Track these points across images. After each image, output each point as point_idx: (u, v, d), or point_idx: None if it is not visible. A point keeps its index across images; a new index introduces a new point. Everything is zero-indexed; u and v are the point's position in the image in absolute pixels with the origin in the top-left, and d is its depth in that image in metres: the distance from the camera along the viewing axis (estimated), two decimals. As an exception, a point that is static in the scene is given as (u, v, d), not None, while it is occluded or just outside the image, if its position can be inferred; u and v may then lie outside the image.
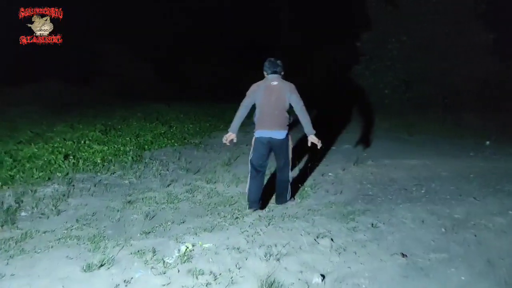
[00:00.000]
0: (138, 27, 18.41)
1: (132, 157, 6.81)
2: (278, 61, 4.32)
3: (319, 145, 4.32)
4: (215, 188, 5.52)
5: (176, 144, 8.11)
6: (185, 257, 3.53)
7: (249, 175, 4.57)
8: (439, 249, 3.74)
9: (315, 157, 7.22)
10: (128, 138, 7.86)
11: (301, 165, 6.70)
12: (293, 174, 5.14)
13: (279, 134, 4.28)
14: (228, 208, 4.80)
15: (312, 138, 4.28)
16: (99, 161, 6.48)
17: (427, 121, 11.12)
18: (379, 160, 7.19)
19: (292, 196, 4.93)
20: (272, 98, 4.17)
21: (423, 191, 5.49)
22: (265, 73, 4.35)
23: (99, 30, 17.14)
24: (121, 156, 6.81)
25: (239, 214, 4.59)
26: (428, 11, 12.83)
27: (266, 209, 4.81)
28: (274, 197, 5.09)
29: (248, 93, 4.33)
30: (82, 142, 7.33)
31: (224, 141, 4.46)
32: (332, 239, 3.90)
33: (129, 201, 4.94)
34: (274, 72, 4.26)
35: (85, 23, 16.77)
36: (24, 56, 12.34)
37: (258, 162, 4.50)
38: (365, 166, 6.83)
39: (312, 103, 6.92)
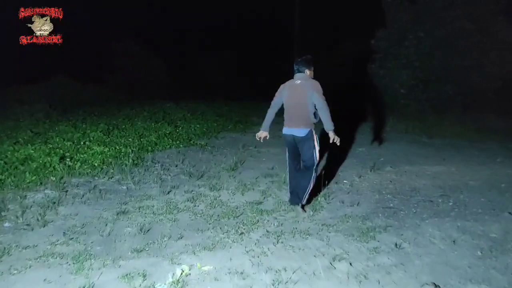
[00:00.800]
0: (151, 23, 17.99)
1: (133, 160, 6.30)
2: (303, 61, 4.33)
3: (337, 142, 4.25)
4: (219, 197, 4.97)
5: (181, 146, 7.59)
6: (180, 284, 3.00)
7: (287, 168, 4.66)
8: (477, 278, 3.14)
9: (329, 161, 6.64)
10: (131, 139, 7.36)
11: (313, 170, 6.15)
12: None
13: (300, 131, 4.21)
14: (233, 221, 4.25)
15: (330, 135, 4.22)
16: (97, 163, 5.99)
17: (447, 122, 10.40)
18: (398, 166, 6.56)
19: (307, 203, 4.57)
20: (295, 96, 4.19)
21: (450, 204, 4.86)
22: (294, 72, 4.38)
23: (111, 27, 16.77)
24: (121, 158, 6.31)
25: (244, 229, 4.03)
26: (448, 6, 12.06)
27: (275, 222, 4.24)
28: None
29: (276, 92, 4.38)
30: (82, 143, 6.86)
31: (257, 138, 4.57)
32: (350, 263, 3.32)
33: (124, 211, 4.42)
34: (299, 71, 4.29)
35: (95, 20, 16.41)
36: (31, 54, 11.98)
37: (290, 156, 4.53)
38: (383, 172, 6.22)
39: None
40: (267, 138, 4.61)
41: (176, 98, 13.94)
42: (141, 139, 7.44)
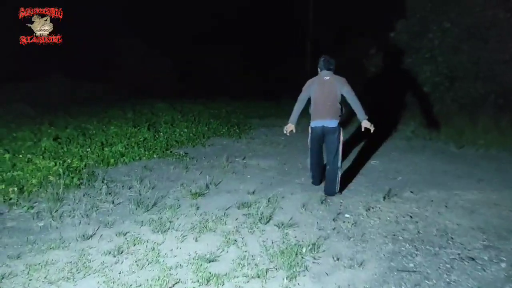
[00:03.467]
0: (156, 20, 16.46)
1: (79, 179, 4.72)
2: (331, 60, 4.41)
3: (372, 129, 4.34)
4: (159, 244, 3.28)
5: (155, 156, 5.96)
6: None
7: (309, 159, 4.68)
8: None
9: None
10: (89, 149, 5.77)
11: (306, 197, 4.39)
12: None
13: (331, 123, 4.29)
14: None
15: (365, 123, 4.31)
16: (30, 184, 4.44)
17: (479, 127, 8.34)
18: (421, 190, 4.70)
19: (340, 190, 4.58)
20: (325, 91, 4.28)
21: (503, 266, 3.02)
22: (319, 69, 4.44)
23: (114, 23, 15.34)
24: (65, 177, 4.72)
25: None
26: (480, -8, 9.93)
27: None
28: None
29: (304, 88, 4.43)
30: (27, 154, 5.32)
31: (284, 131, 4.52)
32: None
33: (3, 275, 2.81)
34: (328, 69, 4.36)
35: (98, 16, 15.01)
36: (30, 53, 10.63)
37: (315, 149, 4.53)
38: (401, 201, 4.38)
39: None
40: (294, 132, 4.51)
41: (177, 96, 12.40)
42: (105, 149, 5.84)
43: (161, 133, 7.08)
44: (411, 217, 3.94)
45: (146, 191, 4.52)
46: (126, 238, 3.37)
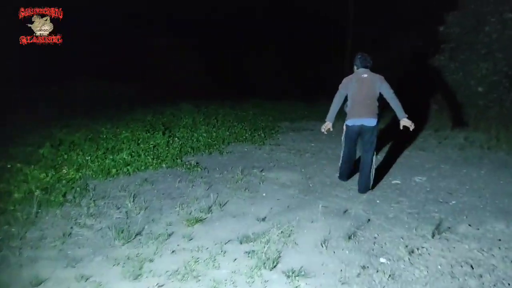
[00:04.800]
0: (191, 19, 15.85)
1: (64, 194, 4.01)
2: (368, 57, 4.22)
3: (411, 127, 4.06)
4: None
5: (163, 166, 5.15)
6: None
7: (341, 155, 4.45)
8: None
9: (358, 202, 3.78)
10: (89, 157, 5.06)
11: (330, 228, 3.35)
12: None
13: (370, 121, 4.09)
14: None
15: (405, 122, 4.06)
16: (9, 201, 3.76)
17: (550, 135, 6.80)
18: (483, 222, 3.50)
19: (373, 186, 4.39)
20: (364, 89, 4.08)
21: None
22: (355, 67, 4.25)
23: (150, 23, 14.92)
24: (51, 193, 4.02)
25: None
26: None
27: None
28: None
29: (340, 86, 4.20)
30: (17, 164, 4.68)
31: (322, 130, 4.25)
32: None
33: None
34: (365, 67, 4.17)
35: (135, 16, 14.64)
36: (53, 54, 10.26)
37: (349, 146, 4.31)
38: (456, 238, 3.21)
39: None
40: (331, 129, 4.26)
41: (207, 97, 11.65)
42: (108, 157, 5.12)
43: (177, 138, 6.28)
44: (472, 266, 2.79)
45: (137, 212, 3.69)
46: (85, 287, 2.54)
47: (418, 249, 3.02)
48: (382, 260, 2.89)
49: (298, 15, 16.59)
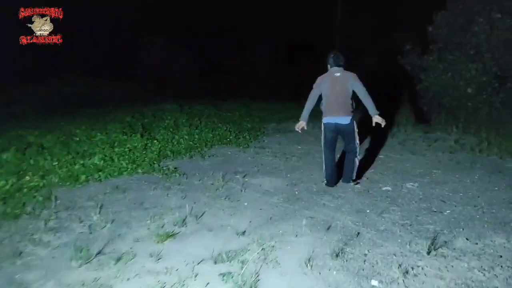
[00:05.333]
0: (180, 17, 15.39)
1: (24, 204, 3.57)
2: (340, 56, 4.23)
3: (383, 124, 4.10)
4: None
5: (139, 171, 4.74)
6: None
7: (323, 156, 4.38)
8: None
9: (347, 214, 3.43)
10: (57, 163, 4.62)
11: (315, 244, 2.98)
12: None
13: (344, 119, 4.12)
14: None
15: (377, 118, 4.09)
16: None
17: (541, 137, 6.57)
18: (482, 235, 3.17)
19: (357, 178, 4.46)
20: (337, 87, 4.10)
21: None
22: (329, 66, 4.24)
23: (139, 21, 14.42)
24: (10, 201, 3.58)
25: None
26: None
27: None
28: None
29: (314, 85, 4.22)
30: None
31: (296, 129, 4.28)
32: None
33: None
34: (338, 65, 4.17)
35: (122, 15, 14.12)
36: (40, 52, 9.76)
37: (329, 144, 4.29)
38: (454, 255, 2.87)
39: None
40: (305, 129, 4.28)
41: (195, 96, 11.25)
42: (78, 162, 4.68)
43: (156, 141, 5.86)
44: (473, 289, 2.46)
45: (102, 226, 3.28)
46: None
47: (413, 268, 2.68)
48: (373, 282, 2.53)
49: (289, 16, 16.30)
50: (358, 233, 3.25)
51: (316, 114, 4.46)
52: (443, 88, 8.77)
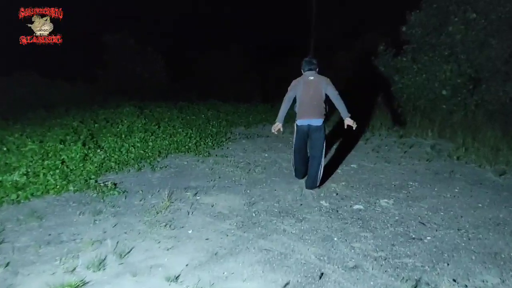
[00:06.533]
0: (149, 15, 14.40)
1: None
2: (313, 60, 4.26)
3: (354, 126, 4.02)
4: None
5: (70, 189, 3.89)
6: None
7: (292, 154, 4.40)
8: None
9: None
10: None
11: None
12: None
13: (317, 121, 4.10)
14: None
15: (348, 121, 4.05)
16: None
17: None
18: (471, 273, 2.53)
19: (321, 183, 4.26)
20: (310, 91, 4.11)
21: None
22: (302, 70, 4.26)
23: (102, 19, 13.36)
24: None
25: None
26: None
27: None
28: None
29: (289, 88, 4.20)
30: None
31: (272, 130, 4.15)
32: None
33: None
34: (310, 69, 4.19)
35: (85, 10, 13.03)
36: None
37: (299, 145, 4.26)
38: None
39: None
40: (281, 131, 4.14)
41: (163, 98, 10.38)
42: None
43: (100, 150, 5.00)
44: None
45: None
46: None
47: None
48: None
49: (261, 17, 15.58)
50: (322, 273, 2.55)
51: (288, 117, 4.18)
52: (418, 90, 8.26)
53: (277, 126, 4.12)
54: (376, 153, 5.82)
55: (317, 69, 4.20)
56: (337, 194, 4.09)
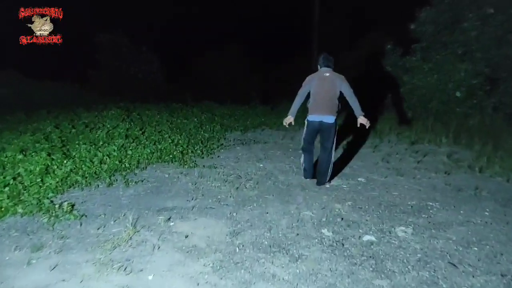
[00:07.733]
0: (145, 14, 13.64)
1: None
2: (330, 57, 4.14)
3: (367, 125, 3.92)
4: None
5: (19, 211, 3.13)
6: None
7: (301, 150, 4.27)
8: None
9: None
10: None
11: None
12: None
13: (329, 118, 3.98)
14: None
15: (361, 119, 3.93)
16: None
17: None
18: None
19: (330, 179, 4.21)
20: (325, 87, 3.99)
21: None
22: (318, 66, 4.16)
23: (96, 16, 12.60)
24: None
25: None
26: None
27: None
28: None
29: (304, 83, 4.09)
30: None
31: (284, 123, 4.11)
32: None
33: None
34: (327, 66, 4.09)
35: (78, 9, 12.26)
36: None
37: (308, 140, 4.14)
38: None
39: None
40: (292, 124, 4.10)
41: (156, 100, 9.63)
42: None
43: (68, 161, 4.22)
44: None
45: None
46: None
47: None
48: None
49: (263, 15, 14.75)
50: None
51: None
52: (429, 91, 7.40)
53: (289, 119, 4.08)
54: (386, 163, 5.00)
55: (333, 67, 4.07)
56: (342, 219, 3.27)
